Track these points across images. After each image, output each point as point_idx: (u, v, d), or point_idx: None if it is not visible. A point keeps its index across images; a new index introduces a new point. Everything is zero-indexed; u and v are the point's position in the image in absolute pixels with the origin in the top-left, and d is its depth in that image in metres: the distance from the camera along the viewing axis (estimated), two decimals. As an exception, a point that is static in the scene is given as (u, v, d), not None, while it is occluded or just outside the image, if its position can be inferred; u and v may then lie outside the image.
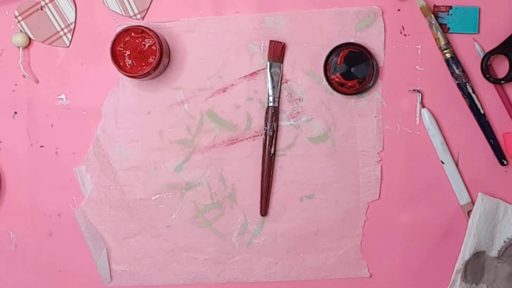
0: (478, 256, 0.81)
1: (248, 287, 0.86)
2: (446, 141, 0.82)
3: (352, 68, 0.81)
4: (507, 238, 0.82)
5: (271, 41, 0.82)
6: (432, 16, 0.81)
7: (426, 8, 0.81)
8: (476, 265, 0.81)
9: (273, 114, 0.82)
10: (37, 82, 0.86)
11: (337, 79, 0.82)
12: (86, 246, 0.86)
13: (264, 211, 0.84)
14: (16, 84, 0.86)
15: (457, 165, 0.83)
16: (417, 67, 0.83)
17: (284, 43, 0.82)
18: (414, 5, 0.82)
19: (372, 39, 0.82)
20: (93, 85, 0.85)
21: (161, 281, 0.86)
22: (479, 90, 0.82)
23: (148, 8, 0.84)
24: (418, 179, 0.83)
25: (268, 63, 0.82)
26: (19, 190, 0.86)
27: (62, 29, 0.85)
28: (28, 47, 0.85)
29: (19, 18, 0.84)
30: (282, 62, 0.82)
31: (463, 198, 0.83)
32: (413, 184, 0.83)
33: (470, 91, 0.81)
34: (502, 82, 0.81)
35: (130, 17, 0.84)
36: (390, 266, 0.84)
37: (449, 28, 0.82)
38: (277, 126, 0.83)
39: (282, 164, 0.84)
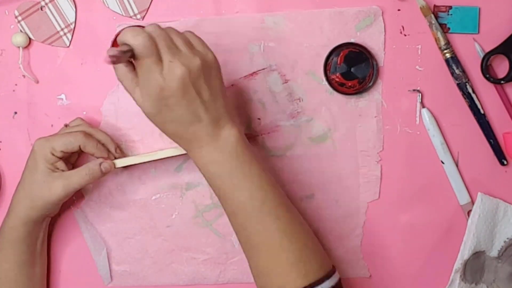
0: (477, 256, 0.81)
1: (248, 287, 0.86)
2: (446, 141, 0.82)
3: (352, 68, 0.81)
4: (507, 238, 0.82)
5: None
6: (432, 16, 0.81)
7: (426, 8, 0.81)
8: (475, 265, 0.81)
9: None
10: (37, 82, 0.86)
11: (337, 79, 0.82)
12: (86, 246, 0.86)
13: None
14: (16, 84, 0.86)
15: (457, 165, 0.83)
16: (417, 67, 0.83)
17: None
18: (414, 5, 0.82)
19: (372, 39, 0.82)
20: (93, 85, 0.85)
21: (161, 281, 0.86)
22: (479, 90, 0.82)
23: (148, 8, 0.84)
24: (418, 179, 0.83)
25: None
26: (19, 190, 0.86)
27: (62, 29, 0.85)
28: (28, 47, 0.85)
29: (19, 18, 0.84)
30: None
31: (463, 198, 0.83)
32: (413, 184, 0.83)
33: (470, 91, 0.81)
34: (502, 82, 0.81)
35: (130, 17, 0.84)
36: (390, 266, 0.84)
37: (449, 28, 0.82)
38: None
39: (282, 165, 0.84)
